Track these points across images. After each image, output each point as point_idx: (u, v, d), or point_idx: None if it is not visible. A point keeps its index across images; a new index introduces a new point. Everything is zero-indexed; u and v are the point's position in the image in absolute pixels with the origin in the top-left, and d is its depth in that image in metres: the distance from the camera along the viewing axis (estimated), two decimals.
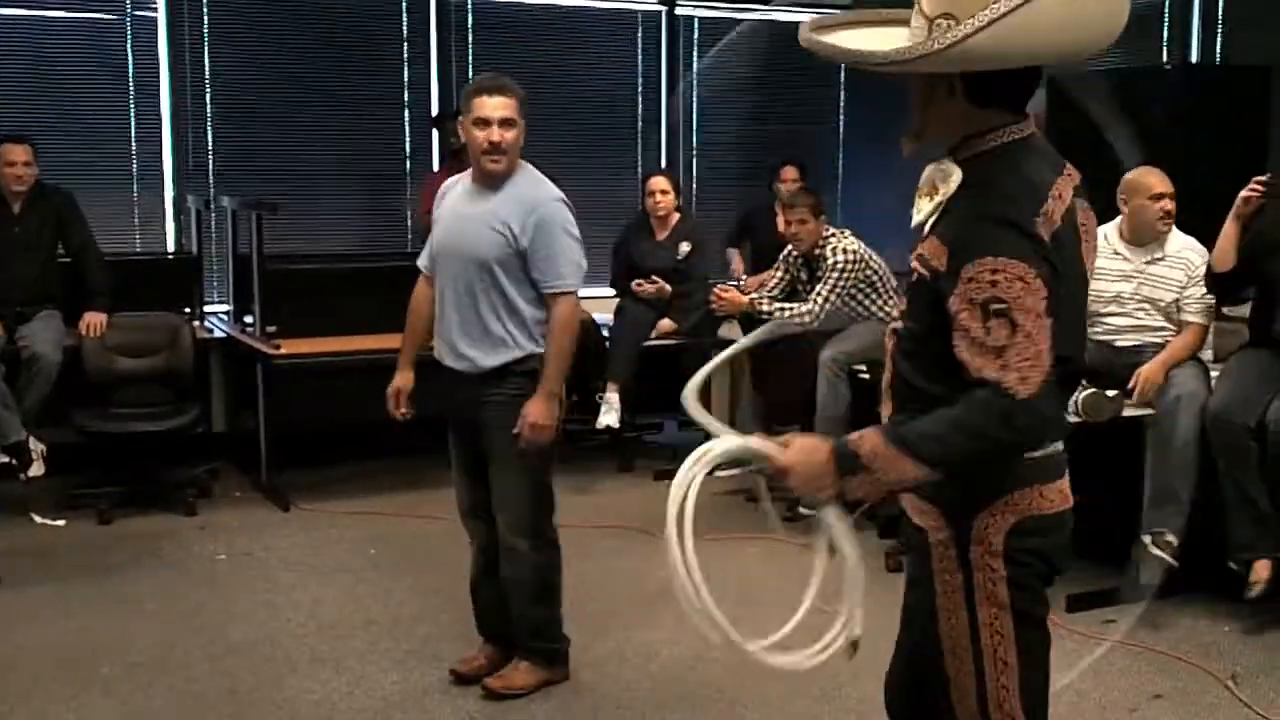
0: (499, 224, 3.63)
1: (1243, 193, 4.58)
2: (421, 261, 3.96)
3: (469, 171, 3.80)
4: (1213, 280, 4.70)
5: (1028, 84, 2.17)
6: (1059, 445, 2.24)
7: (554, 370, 3.69)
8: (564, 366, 3.72)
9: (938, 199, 2.16)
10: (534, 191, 3.70)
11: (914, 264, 2.18)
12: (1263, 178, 4.58)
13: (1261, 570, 4.39)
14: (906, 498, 2.30)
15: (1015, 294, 2.01)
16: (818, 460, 2.12)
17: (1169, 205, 4.77)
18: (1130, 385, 4.63)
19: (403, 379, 3.97)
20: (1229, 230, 4.62)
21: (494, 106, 3.61)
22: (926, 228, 2.18)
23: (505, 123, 3.61)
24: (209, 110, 7.19)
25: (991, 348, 2.01)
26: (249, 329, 6.27)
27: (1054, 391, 2.08)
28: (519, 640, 3.94)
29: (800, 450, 2.15)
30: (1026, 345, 2.01)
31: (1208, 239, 4.78)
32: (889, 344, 2.29)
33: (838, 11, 2.28)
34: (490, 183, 3.70)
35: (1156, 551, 4.55)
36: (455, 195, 3.83)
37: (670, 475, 2.16)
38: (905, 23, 2.17)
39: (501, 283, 3.66)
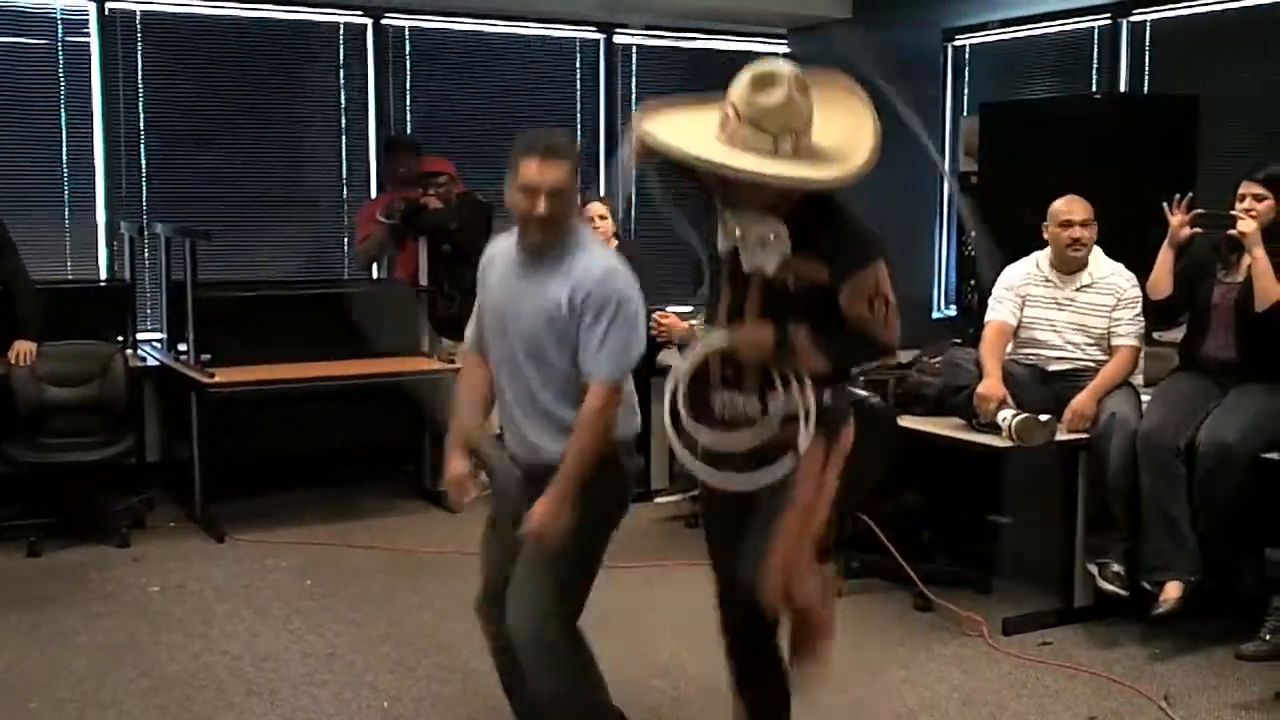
0: (549, 302, 3.18)
1: (1174, 221, 4.65)
2: (469, 339, 3.48)
3: (516, 232, 3.30)
4: (1150, 306, 4.80)
5: None
6: None
7: (570, 467, 3.15)
8: (582, 465, 3.15)
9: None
10: (586, 265, 3.19)
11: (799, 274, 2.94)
12: (1194, 209, 4.65)
13: (1172, 590, 4.44)
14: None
15: None
16: (764, 338, 2.95)
17: (1077, 233, 4.86)
18: (1064, 417, 4.70)
19: (456, 468, 3.39)
20: (1164, 257, 4.70)
21: (542, 173, 3.10)
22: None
23: (555, 194, 3.10)
24: (142, 136, 7.12)
25: None
26: (183, 357, 6.19)
27: None
28: None
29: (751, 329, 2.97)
30: None
31: (1137, 266, 4.86)
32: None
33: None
34: (536, 255, 3.22)
35: (1106, 585, 4.58)
36: (504, 263, 3.33)
37: None
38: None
39: (558, 363, 3.21)
